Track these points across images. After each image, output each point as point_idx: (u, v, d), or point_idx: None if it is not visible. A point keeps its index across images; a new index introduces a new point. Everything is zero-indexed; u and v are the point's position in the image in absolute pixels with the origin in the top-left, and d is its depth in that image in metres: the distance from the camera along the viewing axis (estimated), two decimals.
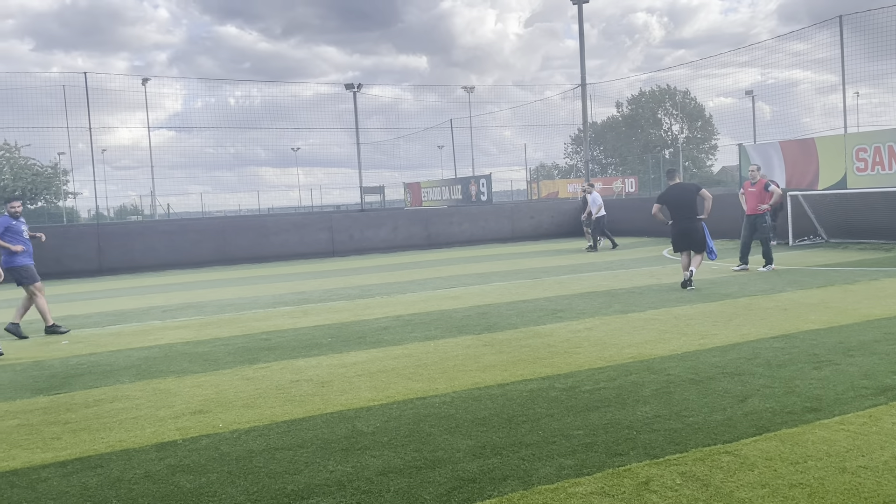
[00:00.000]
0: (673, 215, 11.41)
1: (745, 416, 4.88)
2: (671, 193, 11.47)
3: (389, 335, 8.55)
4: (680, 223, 11.32)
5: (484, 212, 26.22)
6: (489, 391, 5.85)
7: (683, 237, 11.31)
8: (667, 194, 11.57)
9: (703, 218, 11.29)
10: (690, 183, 11.86)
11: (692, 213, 11.27)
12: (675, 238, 11.49)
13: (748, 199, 13.06)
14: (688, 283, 11.01)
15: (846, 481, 3.76)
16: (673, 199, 11.39)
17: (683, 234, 11.29)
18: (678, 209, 11.33)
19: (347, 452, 4.57)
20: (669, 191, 11.54)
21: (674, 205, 11.38)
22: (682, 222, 11.30)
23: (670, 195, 11.46)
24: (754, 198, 12.90)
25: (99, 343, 9.09)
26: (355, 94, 33.85)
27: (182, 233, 21.77)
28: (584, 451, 4.37)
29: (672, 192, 11.47)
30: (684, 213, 11.28)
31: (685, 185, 11.56)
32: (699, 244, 11.23)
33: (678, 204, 11.32)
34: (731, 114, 59.89)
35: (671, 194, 11.46)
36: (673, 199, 11.39)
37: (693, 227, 11.23)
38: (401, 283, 14.10)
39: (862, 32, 19.90)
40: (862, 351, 6.54)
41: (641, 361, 6.59)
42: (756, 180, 12.97)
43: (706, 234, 11.29)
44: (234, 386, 6.45)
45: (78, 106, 24.48)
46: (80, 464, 4.62)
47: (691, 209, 11.28)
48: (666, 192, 11.64)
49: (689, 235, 11.25)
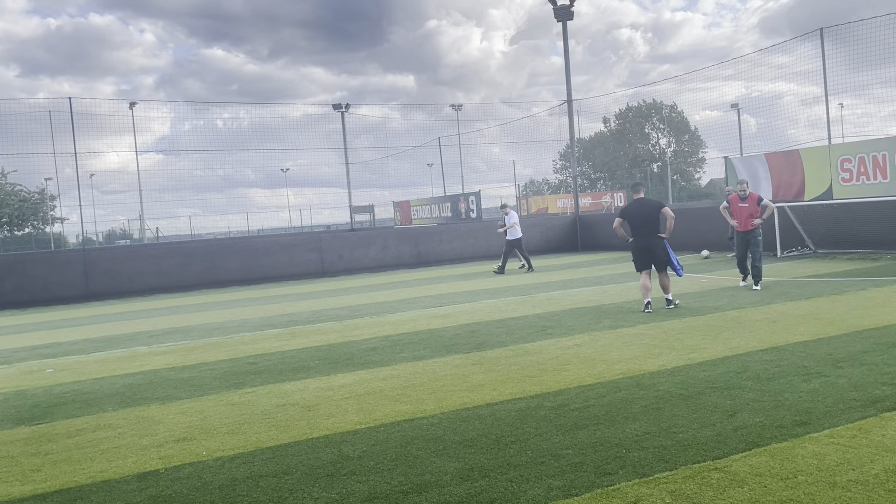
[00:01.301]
0: (634, 231, 10.81)
1: (734, 431, 4.84)
2: (633, 208, 10.90)
3: (378, 356, 8.47)
4: (640, 240, 10.73)
5: (473, 229, 26.22)
6: (478, 411, 5.79)
7: (644, 254, 10.71)
8: (628, 209, 10.99)
9: (665, 237, 10.74)
10: (654, 199, 11.24)
11: (654, 229, 10.69)
12: (635, 255, 10.83)
13: (739, 215, 12.44)
14: (646, 309, 10.41)
15: (837, 496, 3.72)
16: (634, 214, 10.82)
17: (644, 251, 10.69)
18: (639, 225, 10.73)
19: (333, 478, 4.49)
20: (631, 205, 10.98)
21: (635, 220, 10.78)
22: (643, 239, 10.70)
23: (632, 210, 10.90)
24: (746, 213, 12.31)
25: (83, 371, 8.97)
26: (343, 114, 33.93)
27: (170, 256, 21.64)
28: (573, 472, 4.31)
29: (634, 207, 10.89)
30: (646, 229, 10.68)
31: (648, 201, 10.94)
32: (662, 262, 10.67)
33: (639, 220, 10.74)
34: (718, 127, 60.27)
35: (633, 209, 10.89)
36: (634, 214, 10.82)
37: (654, 243, 10.63)
38: (390, 303, 14.03)
39: (843, 44, 20.12)
40: (851, 362, 6.52)
41: (631, 377, 6.54)
42: (746, 195, 12.41)
43: (669, 251, 10.71)
44: (219, 412, 6.36)
45: (64, 131, 24.41)
46: (59, 496, 4.53)
47: (653, 226, 10.69)
48: (627, 207, 11.07)
49: (651, 252, 10.64)
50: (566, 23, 27.70)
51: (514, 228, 19.33)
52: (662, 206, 10.78)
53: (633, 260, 10.90)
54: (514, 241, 19.39)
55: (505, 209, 20.06)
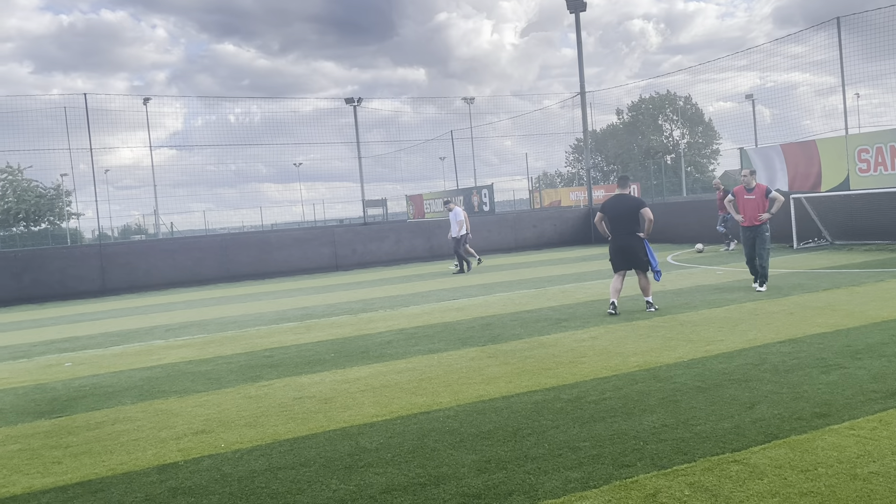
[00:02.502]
0: (612, 228, 10.05)
1: (753, 423, 4.81)
2: (613, 204, 10.11)
3: (393, 349, 8.49)
4: (620, 238, 9.98)
5: (486, 222, 26.18)
6: (494, 404, 5.79)
7: (623, 254, 9.96)
8: (608, 204, 10.18)
9: (643, 236, 9.98)
10: (635, 197, 10.46)
11: (634, 228, 9.92)
12: (614, 254, 10.06)
13: (745, 208, 11.20)
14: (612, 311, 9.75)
15: (858, 488, 3.69)
16: (613, 210, 10.03)
17: (623, 250, 9.94)
18: (618, 222, 9.98)
19: (350, 470, 4.51)
20: (612, 201, 10.18)
21: (614, 217, 10.02)
22: (623, 238, 9.95)
23: (611, 205, 10.10)
24: (753, 206, 11.10)
25: (102, 364, 9.05)
26: (355, 108, 33.97)
27: (184, 251, 21.78)
28: (591, 464, 4.30)
29: (614, 203, 10.11)
30: (625, 227, 9.93)
31: (629, 198, 10.17)
32: (643, 263, 9.91)
33: (619, 217, 9.97)
34: (732, 118, 59.92)
35: (613, 205, 10.09)
36: (613, 210, 10.03)
37: (635, 243, 9.88)
38: (404, 296, 14.05)
39: (858, 33, 19.87)
40: (870, 354, 6.46)
41: (647, 370, 6.52)
42: (752, 186, 11.19)
43: (649, 251, 9.98)
44: (237, 405, 6.40)
45: (79, 127, 24.57)
46: (80, 488, 4.57)
47: (632, 224, 9.92)
48: (607, 202, 10.25)
49: (630, 253, 9.89)
50: (579, 14, 27.55)
51: (458, 225, 18.36)
52: (643, 205, 10.04)
53: (611, 259, 10.15)
54: (459, 238, 18.47)
55: (449, 205, 19.16)
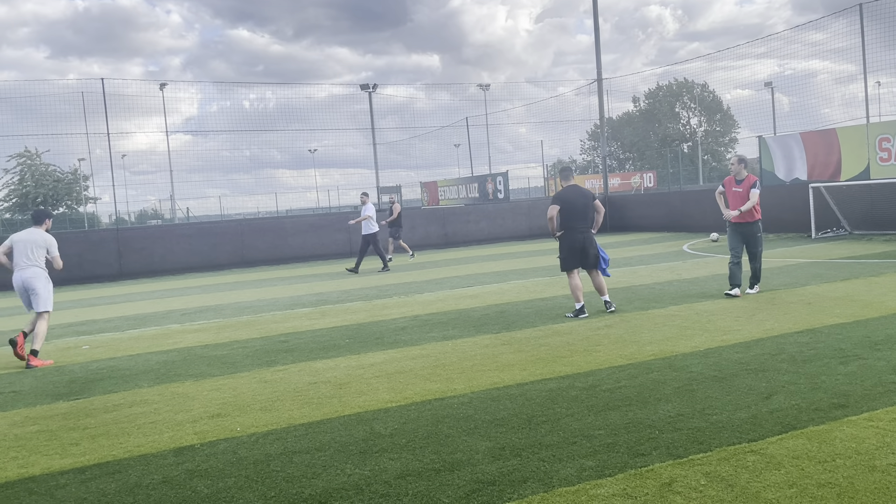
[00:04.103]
0: (566, 223, 9.23)
1: (770, 413, 4.77)
2: (570, 196, 9.29)
3: (407, 335, 8.50)
4: (578, 233, 9.21)
5: (501, 210, 26.12)
6: (508, 391, 5.78)
7: (582, 251, 9.24)
8: (566, 196, 9.28)
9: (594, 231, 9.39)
10: (587, 189, 9.73)
11: (589, 222, 9.28)
12: (570, 251, 9.23)
13: (734, 202, 9.74)
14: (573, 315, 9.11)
15: (876, 480, 3.65)
16: (571, 203, 9.23)
17: (581, 247, 9.21)
18: (575, 216, 9.22)
19: (365, 455, 4.53)
20: (567, 192, 9.33)
21: (571, 210, 9.22)
22: (579, 233, 9.21)
23: (569, 197, 9.27)
24: (741, 200, 9.64)
25: (119, 347, 9.13)
26: (370, 94, 33.90)
27: (200, 236, 21.89)
28: (606, 452, 4.28)
29: (571, 195, 9.30)
30: (583, 222, 9.24)
31: (582, 190, 9.47)
32: (596, 259, 9.35)
33: (576, 210, 9.23)
34: (750, 106, 59.14)
35: (570, 196, 9.28)
36: (571, 203, 9.23)
37: (590, 239, 9.28)
38: (418, 283, 14.06)
39: (880, 20, 19.54)
40: (889, 345, 6.39)
41: (663, 359, 6.49)
42: (743, 177, 9.69)
43: (599, 247, 9.47)
44: (252, 389, 6.44)
45: (95, 112, 24.70)
46: (98, 470, 4.62)
47: (588, 219, 9.28)
48: (564, 194, 9.32)
49: (587, 249, 9.23)
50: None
51: (368, 222, 17.35)
52: (595, 197, 9.45)
53: (564, 257, 9.32)
54: (369, 235, 17.38)
55: (363, 199, 18.15)
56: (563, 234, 9.26)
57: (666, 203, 25.14)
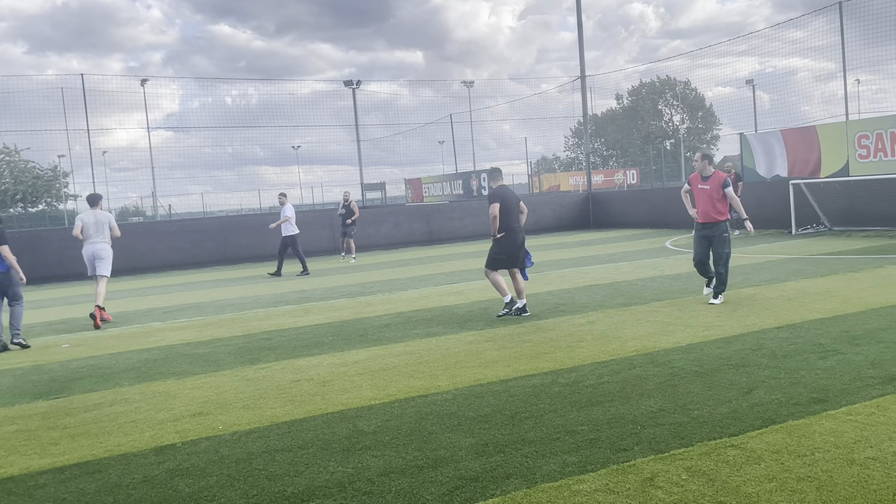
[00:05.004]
0: (506, 223, 8.96)
1: (750, 408, 4.81)
2: (505, 194, 9.08)
3: (391, 332, 8.49)
4: (516, 234, 9.02)
5: (485, 207, 26.11)
6: (492, 387, 5.79)
7: (518, 251, 9.05)
8: (503, 194, 9.05)
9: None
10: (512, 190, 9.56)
11: (520, 223, 9.12)
12: (511, 252, 9.00)
13: (699, 201, 9.08)
14: (509, 311, 9.03)
15: (855, 473, 3.70)
16: (508, 202, 9.02)
17: (517, 248, 9.03)
18: (512, 216, 9.03)
19: (348, 453, 4.51)
20: (503, 191, 9.12)
21: (510, 209, 9.01)
22: (519, 233, 9.06)
23: (506, 197, 9.05)
24: (707, 198, 8.93)
25: (99, 346, 9.04)
26: (354, 90, 33.77)
27: (183, 233, 21.72)
28: (588, 448, 4.30)
29: (505, 194, 9.09)
30: (516, 223, 9.06)
31: (511, 190, 9.29)
32: (524, 261, 9.17)
33: (512, 209, 9.05)
34: (731, 103, 59.70)
35: (507, 196, 9.08)
36: (508, 202, 9.02)
37: (523, 239, 9.15)
38: (402, 280, 14.04)
39: (858, 18, 19.77)
40: (868, 340, 6.47)
41: (645, 354, 6.52)
42: (709, 174, 9.03)
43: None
44: (235, 387, 6.40)
45: (75, 108, 24.45)
46: (77, 469, 4.57)
47: (519, 219, 9.13)
48: (500, 192, 9.08)
49: (521, 250, 9.07)
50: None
51: (287, 224, 16.83)
52: (519, 198, 9.29)
53: (502, 258, 9.05)
54: (288, 237, 16.90)
55: (281, 199, 17.52)
56: (505, 235, 8.97)
57: (649, 200, 25.27)
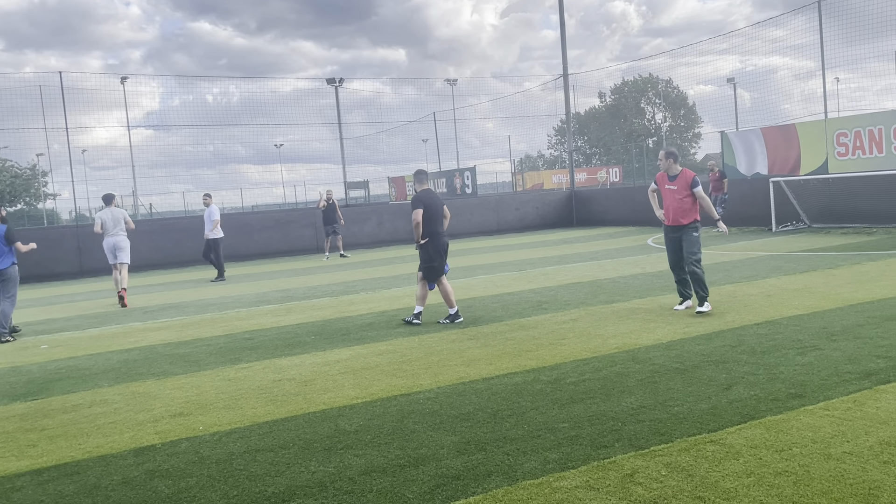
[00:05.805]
0: (430, 228, 8.62)
1: (729, 404, 4.86)
2: (428, 199, 8.70)
3: (373, 331, 8.47)
4: (440, 238, 8.72)
5: (469, 205, 26.15)
6: (474, 385, 5.80)
7: (444, 257, 8.78)
8: (426, 199, 8.67)
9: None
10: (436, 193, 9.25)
11: (443, 228, 8.83)
12: (439, 258, 8.68)
13: (667, 202, 8.44)
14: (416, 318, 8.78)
15: (831, 468, 3.74)
16: (432, 207, 8.68)
17: (443, 253, 8.76)
18: (436, 221, 8.71)
19: (330, 452, 4.50)
20: (426, 196, 8.71)
21: (434, 215, 8.69)
22: (443, 237, 8.76)
23: (430, 201, 8.70)
24: (674, 199, 8.31)
25: (78, 346, 8.95)
26: (337, 88, 33.64)
27: (163, 232, 21.55)
28: (569, 445, 4.32)
29: (429, 198, 8.71)
30: (440, 227, 8.76)
31: (435, 194, 8.98)
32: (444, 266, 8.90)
33: (436, 214, 8.73)
34: (713, 101, 60.20)
35: (431, 200, 8.72)
36: (432, 207, 8.68)
37: (447, 245, 8.87)
38: (385, 279, 14.02)
39: (837, 17, 20.00)
40: (845, 335, 6.54)
41: (627, 351, 6.56)
42: (675, 173, 8.38)
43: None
44: (216, 387, 6.36)
45: (54, 106, 24.13)
46: (56, 471, 4.52)
47: (443, 224, 8.84)
48: (423, 196, 8.67)
49: (445, 255, 8.83)
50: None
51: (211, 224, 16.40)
52: (443, 202, 9.05)
53: (435, 265, 8.71)
54: (213, 241, 16.44)
55: (206, 200, 16.85)
56: (430, 241, 8.63)
57: (631, 198, 25.40)
